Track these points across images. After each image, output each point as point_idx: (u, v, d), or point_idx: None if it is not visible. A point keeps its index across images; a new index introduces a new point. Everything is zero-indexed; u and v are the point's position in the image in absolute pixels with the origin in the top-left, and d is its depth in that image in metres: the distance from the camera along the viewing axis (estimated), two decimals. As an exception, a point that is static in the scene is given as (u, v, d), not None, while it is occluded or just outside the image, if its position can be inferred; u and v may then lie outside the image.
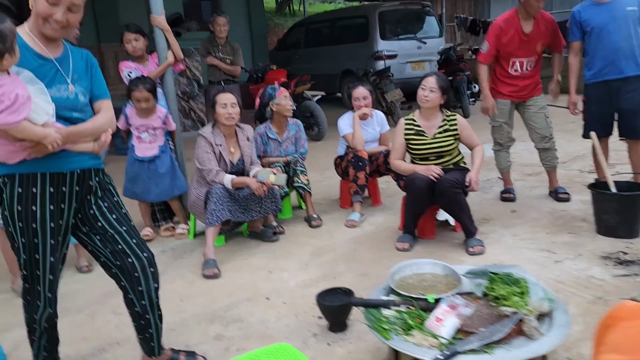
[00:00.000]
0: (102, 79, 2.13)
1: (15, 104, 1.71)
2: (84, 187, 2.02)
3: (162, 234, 4.07)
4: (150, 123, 3.80)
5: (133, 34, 3.94)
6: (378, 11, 10.16)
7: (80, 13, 1.93)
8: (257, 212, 3.70)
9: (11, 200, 1.89)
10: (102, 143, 2.06)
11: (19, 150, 1.84)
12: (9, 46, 1.72)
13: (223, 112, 3.60)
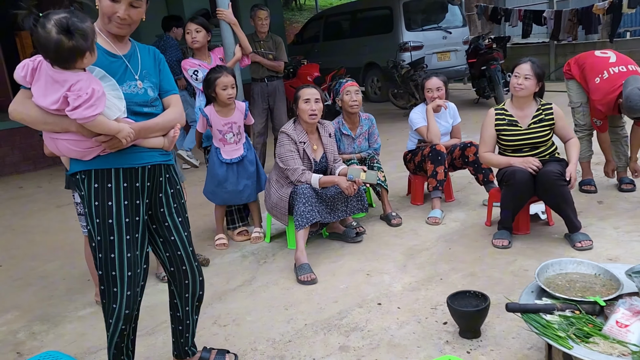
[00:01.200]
0: (169, 75, 2.17)
1: (91, 98, 1.74)
2: (154, 183, 2.04)
3: (236, 239, 3.89)
4: (232, 120, 3.60)
5: (195, 25, 3.76)
6: (403, 2, 9.95)
7: (142, 8, 1.93)
8: (343, 211, 3.53)
9: (89, 195, 1.91)
10: (171, 138, 2.06)
11: (94, 146, 1.87)
12: (90, 45, 1.75)
13: (306, 108, 3.42)
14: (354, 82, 3.99)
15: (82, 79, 1.76)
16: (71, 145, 1.87)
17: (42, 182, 6.33)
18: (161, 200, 2.06)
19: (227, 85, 3.47)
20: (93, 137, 1.83)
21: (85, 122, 1.77)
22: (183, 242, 2.11)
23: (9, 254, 4.07)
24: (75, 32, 1.70)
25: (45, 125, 1.85)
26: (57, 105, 1.77)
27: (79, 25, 1.71)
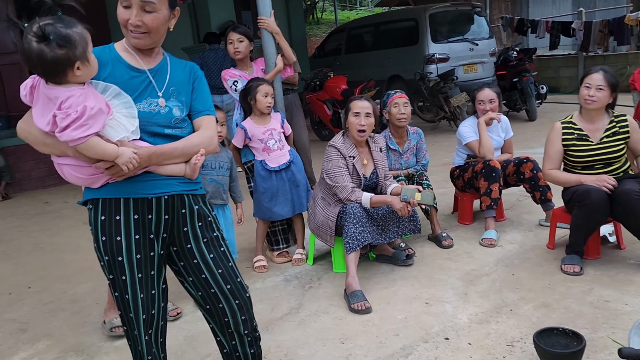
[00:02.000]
0: (206, 94, 1.89)
1: (81, 117, 1.53)
2: (175, 216, 1.79)
3: (276, 260, 3.66)
4: (271, 127, 3.44)
5: (238, 35, 3.57)
6: (428, 13, 9.76)
7: (159, 14, 1.69)
8: (395, 232, 3.29)
9: (96, 229, 1.73)
10: (193, 166, 1.78)
11: (97, 173, 1.67)
12: (79, 54, 1.54)
13: (355, 122, 3.21)
14: (403, 94, 3.77)
15: (74, 95, 1.55)
16: (73, 171, 1.69)
17: (67, 197, 6.17)
18: (187, 236, 1.81)
19: (268, 93, 3.37)
20: (93, 162, 1.63)
21: (76, 144, 1.56)
22: (216, 280, 1.83)
23: (38, 274, 3.88)
24: (57, 40, 1.49)
25: (45, 147, 1.66)
26: (49, 127, 1.57)
27: (62, 31, 1.50)
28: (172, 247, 1.84)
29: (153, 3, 1.67)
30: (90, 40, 1.59)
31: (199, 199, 1.86)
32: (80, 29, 1.56)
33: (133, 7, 1.67)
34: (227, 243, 1.91)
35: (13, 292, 3.60)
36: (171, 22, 1.76)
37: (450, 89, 8.02)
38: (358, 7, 26.58)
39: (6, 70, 8.23)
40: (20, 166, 6.84)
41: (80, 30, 1.56)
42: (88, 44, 1.58)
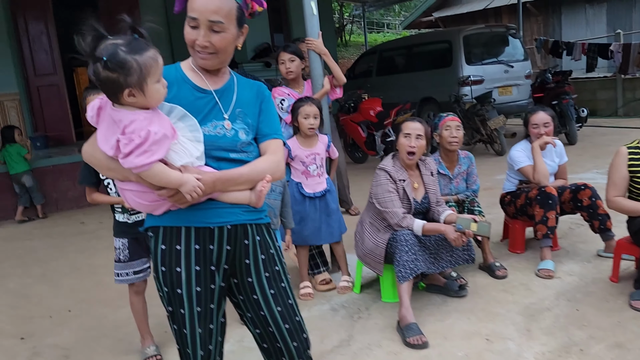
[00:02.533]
0: (274, 116, 1.79)
1: (145, 142, 1.45)
2: (237, 247, 1.69)
3: (319, 288, 3.53)
4: (316, 151, 3.36)
5: (289, 54, 3.52)
6: (462, 35, 9.68)
7: (227, 33, 1.61)
8: (447, 262, 3.14)
9: (155, 259, 1.65)
10: (259, 193, 1.66)
11: (161, 199, 1.58)
12: (132, 81, 1.46)
13: (405, 143, 3.10)
14: (456, 117, 3.65)
15: (138, 119, 1.47)
16: (135, 196, 1.61)
17: (103, 218, 6.15)
18: (248, 268, 1.71)
19: (309, 115, 3.28)
20: (156, 189, 1.56)
21: (139, 171, 1.49)
22: (275, 319, 1.72)
23: (78, 297, 3.82)
24: (110, 62, 1.43)
25: (109, 171, 1.59)
26: (113, 151, 1.51)
27: (119, 54, 1.44)
28: (232, 278, 1.74)
29: (222, 23, 1.59)
30: (156, 70, 1.50)
31: (262, 228, 1.76)
32: (146, 56, 1.47)
33: (201, 28, 1.59)
34: (288, 278, 1.80)
35: (54, 315, 3.54)
36: (239, 40, 1.68)
37: (488, 112, 7.86)
38: (385, 29, 26.71)
39: (45, 91, 8.40)
40: (57, 186, 6.89)
41: (144, 58, 1.47)
42: (148, 73, 1.47)
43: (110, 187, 2.69)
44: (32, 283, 4.18)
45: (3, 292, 4.04)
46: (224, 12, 1.59)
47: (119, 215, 2.77)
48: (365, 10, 15.51)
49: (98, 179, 2.67)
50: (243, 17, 1.66)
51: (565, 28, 14.95)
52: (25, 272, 4.47)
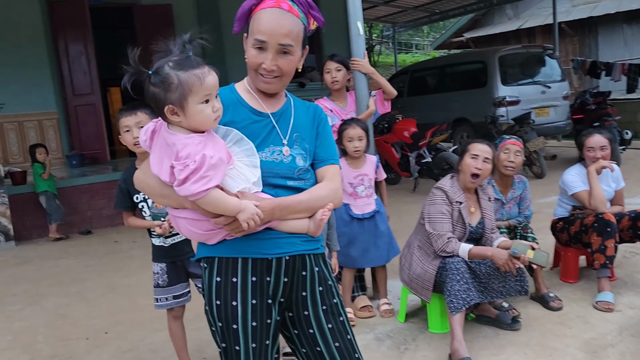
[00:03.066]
0: (330, 140, 1.69)
1: (201, 168, 1.37)
2: (295, 278, 1.59)
3: (359, 315, 3.39)
4: (364, 172, 3.28)
5: (335, 63, 3.45)
6: (498, 55, 9.54)
7: (294, 56, 1.52)
8: (499, 292, 2.98)
9: (210, 292, 1.55)
10: (318, 221, 1.55)
11: (216, 228, 1.50)
12: (173, 99, 1.39)
13: (472, 163, 2.97)
14: (518, 141, 3.49)
15: (191, 143, 1.40)
16: (189, 225, 1.53)
17: (136, 237, 6.14)
18: (305, 301, 1.61)
19: (354, 138, 3.22)
20: (212, 217, 1.48)
21: (196, 198, 1.41)
22: (332, 355, 1.61)
23: (114, 318, 3.76)
24: (154, 76, 1.40)
25: (163, 198, 1.52)
26: (167, 177, 1.44)
27: (164, 69, 1.39)
28: (287, 312, 1.63)
29: (291, 46, 1.52)
30: (199, 90, 1.40)
31: (320, 259, 1.66)
32: (190, 73, 1.39)
33: (269, 51, 1.52)
34: (346, 312, 1.68)
35: (90, 337, 3.48)
36: (300, 62, 1.61)
37: (527, 133, 7.66)
38: (414, 50, 26.68)
39: (82, 111, 8.54)
40: (91, 204, 6.92)
41: (187, 75, 1.39)
42: (190, 91, 1.39)
43: (144, 210, 2.61)
44: (69, 303, 4.14)
45: (40, 311, 4.01)
46: (294, 35, 1.52)
47: (155, 240, 2.69)
48: (395, 30, 15.49)
49: (133, 202, 2.61)
50: (306, 37, 1.60)
51: (602, 48, 14.66)
52: (62, 291, 4.44)
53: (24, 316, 3.93)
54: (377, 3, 12.97)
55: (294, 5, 1.54)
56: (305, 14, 1.56)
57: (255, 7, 1.55)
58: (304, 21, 1.56)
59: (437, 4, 13.05)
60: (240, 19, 1.58)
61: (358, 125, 3.26)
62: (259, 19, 1.52)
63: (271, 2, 1.52)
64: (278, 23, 1.50)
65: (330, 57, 3.50)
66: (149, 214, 2.60)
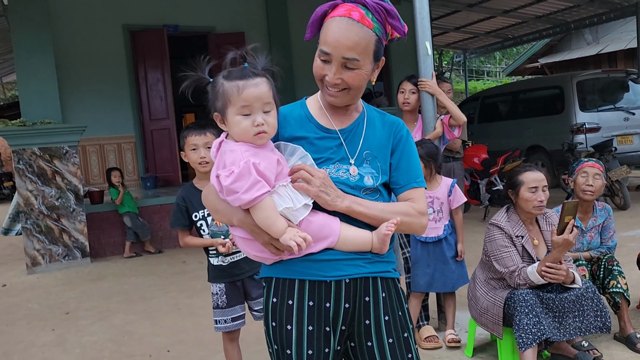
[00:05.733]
0: (413, 159, 1.54)
1: (246, 174, 1.31)
2: (357, 304, 1.47)
3: (423, 345, 3.22)
4: (435, 195, 3.16)
5: (411, 85, 3.40)
6: (576, 81, 9.11)
7: (362, 70, 1.41)
8: (576, 328, 2.73)
9: (266, 312, 1.50)
10: (383, 237, 1.41)
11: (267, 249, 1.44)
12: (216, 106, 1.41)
13: (532, 197, 2.78)
14: (598, 163, 3.25)
15: (238, 150, 1.37)
16: (243, 244, 1.49)
17: (203, 258, 6.17)
18: (368, 331, 1.48)
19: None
20: (259, 239, 1.42)
21: (249, 206, 1.36)
22: None
23: (177, 337, 3.79)
24: (212, 83, 1.43)
25: (217, 214, 1.48)
26: (217, 187, 1.39)
27: (217, 78, 1.42)
28: (350, 342, 1.52)
29: (357, 60, 1.42)
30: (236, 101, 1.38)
31: (389, 284, 1.52)
32: (232, 84, 1.37)
33: (333, 64, 1.44)
34: (417, 349, 1.55)
35: (153, 354, 3.52)
36: (374, 74, 1.50)
37: (608, 162, 7.19)
38: (485, 77, 26.13)
39: (157, 135, 8.93)
40: (162, 225, 7.15)
41: (229, 85, 1.38)
42: (229, 101, 1.38)
43: (203, 229, 2.59)
44: (135, 320, 4.24)
45: (108, 327, 4.12)
46: (361, 48, 1.42)
47: (213, 259, 2.66)
48: (466, 57, 15.23)
49: (190, 221, 2.60)
50: (381, 49, 1.48)
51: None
52: (130, 308, 4.56)
53: (92, 331, 4.06)
54: (448, 29, 12.83)
55: (368, 14, 1.43)
56: (381, 23, 1.45)
57: (327, 14, 1.48)
58: (378, 32, 1.45)
59: (510, 29, 12.72)
60: (312, 26, 1.51)
61: (425, 146, 3.18)
62: (327, 28, 1.45)
63: (342, 10, 1.44)
64: (344, 34, 1.41)
65: (408, 78, 3.47)
66: (208, 232, 2.59)
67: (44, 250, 6.19)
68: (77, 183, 6.34)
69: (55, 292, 5.29)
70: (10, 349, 3.79)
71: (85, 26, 8.21)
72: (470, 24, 12.46)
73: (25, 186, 6.08)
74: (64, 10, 7.87)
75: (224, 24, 9.26)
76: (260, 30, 9.58)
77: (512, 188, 2.88)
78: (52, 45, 6.29)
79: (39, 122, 6.00)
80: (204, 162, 2.50)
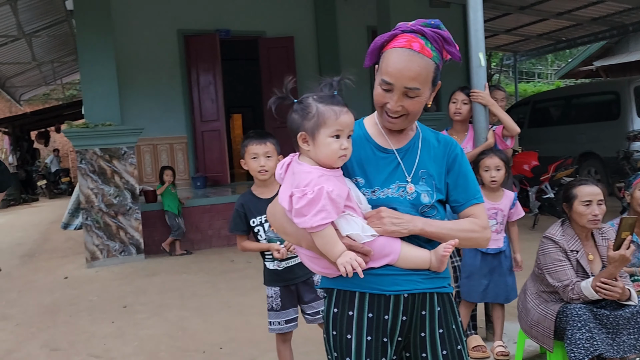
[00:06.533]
0: (469, 177, 1.60)
1: (318, 200, 1.38)
2: (414, 318, 1.55)
3: (472, 354, 3.24)
4: (499, 207, 3.18)
5: (464, 95, 3.43)
6: (634, 86, 8.82)
7: (422, 97, 1.47)
8: (630, 346, 2.68)
9: (327, 321, 1.59)
10: (441, 257, 1.48)
11: (333, 266, 1.50)
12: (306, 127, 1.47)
13: (586, 212, 2.75)
14: None
15: (314, 173, 1.44)
16: (309, 261, 1.57)
17: (251, 258, 6.42)
18: (423, 343, 1.56)
19: (490, 167, 3.14)
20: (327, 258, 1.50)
21: (312, 231, 1.44)
22: None
23: (228, 335, 3.94)
24: (298, 104, 1.50)
25: (285, 235, 1.56)
26: (287, 205, 1.46)
27: (307, 99, 1.49)
28: (405, 352, 1.60)
29: (418, 89, 1.50)
30: (333, 123, 1.47)
31: (444, 298, 1.60)
32: (328, 107, 1.46)
33: (394, 92, 1.51)
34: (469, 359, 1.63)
35: (207, 351, 3.68)
36: (430, 98, 1.57)
37: (666, 171, 6.92)
38: (536, 79, 25.46)
39: (208, 136, 9.19)
40: (212, 224, 7.38)
41: (325, 108, 1.46)
42: (324, 123, 1.46)
43: (260, 234, 2.70)
44: (189, 316, 4.42)
45: (163, 322, 4.31)
46: (422, 78, 1.49)
47: (269, 263, 2.77)
48: (517, 59, 14.92)
49: (249, 226, 2.71)
50: (438, 74, 1.55)
51: None
52: (183, 304, 4.76)
53: (149, 325, 4.26)
54: (498, 32, 12.62)
55: (427, 43, 1.50)
56: (438, 50, 1.52)
57: (387, 44, 1.55)
58: (437, 59, 1.52)
59: (563, 31, 12.41)
60: (371, 54, 1.59)
61: (496, 155, 3.20)
62: (388, 58, 1.51)
63: (402, 40, 1.50)
64: (406, 66, 1.47)
65: (461, 89, 3.50)
66: (265, 238, 2.70)
67: (102, 246, 6.51)
68: (134, 182, 6.64)
69: (113, 285, 5.57)
70: (74, 339, 4.03)
71: (143, 32, 8.56)
72: (522, 26, 12.23)
73: (86, 184, 6.41)
74: (124, 18, 8.23)
75: (274, 28, 9.45)
76: (309, 35, 9.72)
77: (567, 201, 2.86)
78: (113, 51, 6.61)
79: (100, 124, 6.31)
80: (264, 170, 2.61)
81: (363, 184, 1.57)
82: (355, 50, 9.69)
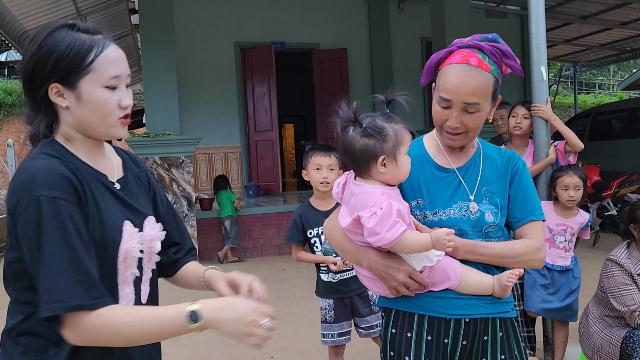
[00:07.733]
0: (530, 192, 1.54)
1: (389, 215, 1.36)
2: (475, 342, 1.52)
3: (528, 378, 3.13)
4: (569, 224, 3.09)
5: (525, 110, 3.38)
6: None
7: (482, 112, 1.45)
8: None
9: (385, 341, 1.57)
10: (505, 286, 1.42)
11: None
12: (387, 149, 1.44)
13: (655, 234, 2.63)
14: None
15: (377, 192, 1.43)
16: (367, 282, 1.56)
17: (301, 267, 6.47)
18: None
19: (569, 186, 3.06)
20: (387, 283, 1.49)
21: (393, 244, 1.39)
22: None
23: (279, 344, 3.98)
24: (369, 128, 1.45)
25: (344, 253, 1.56)
26: (350, 226, 1.47)
27: (377, 122, 1.45)
28: None
29: (477, 104, 1.47)
30: (408, 141, 1.48)
31: (507, 323, 1.55)
32: (400, 127, 1.46)
33: (453, 109, 1.48)
34: None
35: (258, 359, 3.72)
36: (491, 113, 1.55)
37: None
38: (597, 90, 24.51)
39: (261, 146, 9.36)
40: (264, 232, 7.49)
41: (398, 128, 1.45)
42: (401, 143, 1.45)
43: (316, 245, 2.73)
44: (241, 323, 4.49)
45: (217, 328, 4.40)
46: (481, 93, 1.47)
47: (324, 275, 2.78)
48: (576, 70, 14.42)
49: (305, 237, 2.74)
50: (498, 88, 1.52)
51: None
52: (235, 311, 4.84)
53: (203, 330, 4.36)
54: (557, 42, 12.25)
55: (485, 57, 1.48)
56: (497, 64, 1.49)
57: (443, 61, 1.53)
58: (496, 73, 1.49)
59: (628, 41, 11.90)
60: (427, 72, 1.58)
61: (576, 173, 3.10)
62: (445, 75, 1.49)
63: (459, 56, 1.48)
64: (463, 81, 1.45)
65: (522, 103, 3.45)
66: (320, 249, 2.73)
67: (159, 251, 6.71)
68: (190, 190, 6.84)
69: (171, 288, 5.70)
70: (132, 341, 4.17)
71: (202, 45, 8.85)
72: (583, 36, 11.84)
73: (145, 191, 6.65)
74: (184, 31, 8.52)
75: (328, 40, 9.55)
76: (363, 47, 9.77)
77: (634, 223, 2.74)
78: (175, 64, 6.86)
79: (160, 134, 6.55)
80: (325, 182, 2.64)
81: (424, 205, 1.54)
82: (408, 62, 9.66)
